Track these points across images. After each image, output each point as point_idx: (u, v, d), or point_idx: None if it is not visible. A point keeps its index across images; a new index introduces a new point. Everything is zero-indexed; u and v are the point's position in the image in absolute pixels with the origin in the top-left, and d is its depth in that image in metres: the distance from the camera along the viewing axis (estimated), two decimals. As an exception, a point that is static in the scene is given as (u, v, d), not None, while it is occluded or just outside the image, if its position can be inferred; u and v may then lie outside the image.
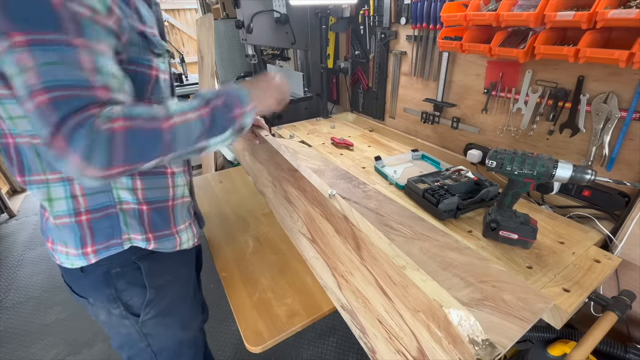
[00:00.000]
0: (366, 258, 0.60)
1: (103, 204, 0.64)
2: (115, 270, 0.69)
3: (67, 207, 0.62)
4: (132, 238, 0.68)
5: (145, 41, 0.61)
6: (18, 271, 2.22)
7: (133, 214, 0.67)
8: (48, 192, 0.61)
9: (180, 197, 0.76)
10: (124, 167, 0.48)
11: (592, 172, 0.74)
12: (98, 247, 0.66)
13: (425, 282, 0.46)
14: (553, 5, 0.87)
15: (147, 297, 0.73)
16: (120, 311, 0.73)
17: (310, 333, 1.67)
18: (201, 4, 3.58)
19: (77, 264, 0.67)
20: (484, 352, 0.39)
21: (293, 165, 0.82)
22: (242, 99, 0.61)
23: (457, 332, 0.41)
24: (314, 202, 0.77)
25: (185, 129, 0.53)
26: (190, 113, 0.54)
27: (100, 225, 0.65)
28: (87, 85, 0.46)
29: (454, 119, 1.39)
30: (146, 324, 0.76)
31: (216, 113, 0.57)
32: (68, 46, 0.45)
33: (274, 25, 1.88)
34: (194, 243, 0.82)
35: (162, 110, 0.52)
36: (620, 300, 0.80)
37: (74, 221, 0.63)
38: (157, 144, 0.50)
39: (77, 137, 0.44)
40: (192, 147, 0.55)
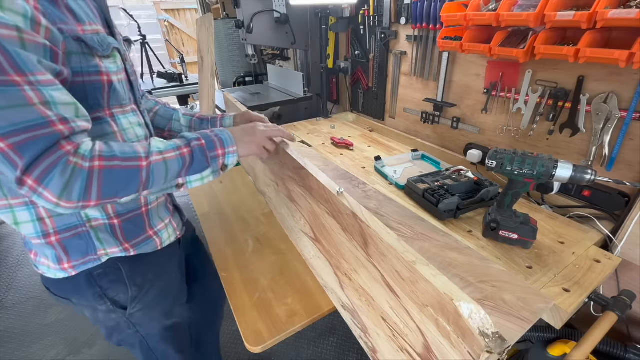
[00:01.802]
0: (373, 255, 0.61)
1: (71, 224, 0.64)
2: (97, 272, 0.70)
3: (35, 230, 0.62)
4: (108, 252, 0.69)
5: (85, 46, 0.55)
6: (18, 271, 2.22)
7: (104, 229, 0.67)
8: (14, 217, 0.60)
9: (154, 201, 0.75)
10: (97, 201, 0.49)
11: (592, 172, 0.74)
12: (74, 263, 0.66)
13: (435, 277, 0.47)
14: (553, 5, 0.87)
15: (130, 295, 0.74)
16: (107, 307, 0.74)
17: (310, 333, 1.67)
18: (201, 4, 3.58)
19: (60, 275, 0.68)
20: (494, 344, 0.39)
21: (300, 164, 0.82)
22: (225, 141, 0.65)
23: (468, 325, 0.41)
24: (321, 200, 0.77)
25: (162, 167, 0.55)
26: (170, 152, 0.57)
27: (73, 243, 0.65)
28: (44, 123, 0.45)
29: (454, 119, 1.39)
30: (133, 316, 0.78)
31: (197, 152, 0.60)
32: (9, 85, 0.42)
33: (274, 25, 1.89)
34: (176, 237, 0.82)
35: (142, 149, 0.54)
36: (620, 300, 0.80)
37: (45, 242, 0.63)
38: (133, 182, 0.52)
39: (51, 177, 0.45)
40: (170, 183, 0.58)
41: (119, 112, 0.65)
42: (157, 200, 0.76)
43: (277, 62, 2.88)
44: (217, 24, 2.83)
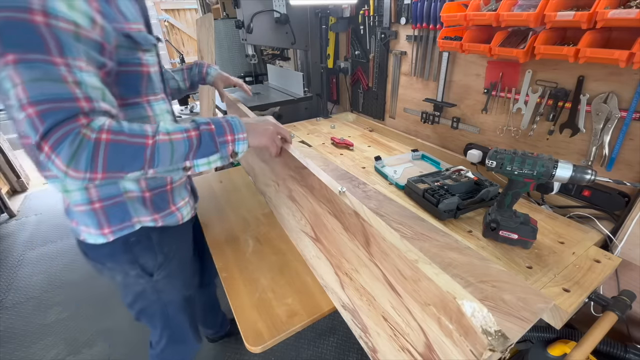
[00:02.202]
0: (375, 254, 0.61)
1: (112, 194, 0.73)
2: (132, 239, 0.79)
3: (82, 197, 0.71)
4: (141, 221, 0.79)
5: (132, 41, 0.64)
6: (18, 271, 2.22)
7: (138, 200, 0.76)
8: (63, 185, 0.70)
9: (177, 180, 0.84)
10: (104, 174, 0.53)
11: (592, 172, 0.74)
12: (113, 229, 0.76)
13: (438, 276, 0.47)
14: (553, 5, 0.87)
15: (159, 260, 0.85)
16: (137, 272, 0.83)
17: (310, 333, 1.67)
18: (201, 4, 3.58)
19: (99, 241, 0.76)
20: (496, 342, 0.40)
21: (302, 163, 0.82)
22: (235, 128, 0.67)
23: (470, 324, 0.41)
24: (322, 200, 0.77)
25: (168, 148, 0.58)
26: (177, 134, 0.59)
27: (112, 211, 0.74)
28: (70, 98, 0.50)
29: (454, 119, 1.39)
30: (158, 282, 0.88)
31: (205, 136, 0.62)
32: (50, 64, 0.49)
33: (274, 25, 1.89)
34: (192, 215, 0.93)
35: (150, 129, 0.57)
36: (620, 300, 0.80)
37: (89, 209, 0.72)
38: (138, 158, 0.55)
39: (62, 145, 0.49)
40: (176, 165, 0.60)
41: (152, 99, 0.74)
42: (180, 180, 0.85)
43: (277, 62, 2.88)
44: (217, 24, 2.83)
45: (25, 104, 0.48)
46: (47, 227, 2.69)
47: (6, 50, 0.48)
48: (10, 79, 0.49)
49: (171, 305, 0.96)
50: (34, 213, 2.90)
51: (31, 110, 0.48)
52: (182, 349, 1.06)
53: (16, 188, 3.26)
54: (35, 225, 2.73)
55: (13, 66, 0.48)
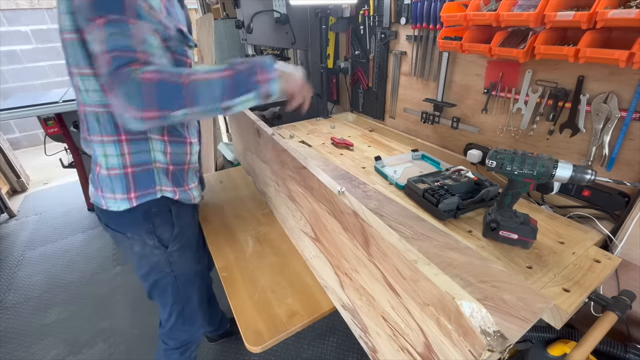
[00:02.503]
0: (374, 254, 0.61)
1: (143, 161, 0.83)
2: (153, 210, 0.88)
3: (118, 162, 0.80)
4: (163, 189, 0.87)
5: (183, 36, 0.79)
6: (18, 271, 2.22)
7: (163, 172, 0.86)
8: (104, 150, 0.79)
9: (193, 163, 0.96)
10: (155, 112, 0.60)
11: (592, 172, 0.74)
12: (138, 194, 0.84)
13: (437, 276, 0.47)
14: (553, 5, 0.87)
15: (175, 232, 0.93)
16: (154, 242, 0.91)
17: (310, 333, 1.67)
18: (201, 4, 3.58)
19: (122, 206, 0.84)
20: (495, 342, 0.39)
21: (301, 163, 0.83)
22: (267, 67, 0.69)
23: (469, 324, 0.41)
24: (322, 200, 0.77)
25: (206, 86, 0.64)
26: (213, 74, 0.65)
27: (141, 176, 0.83)
28: (134, 50, 0.61)
29: (454, 119, 1.39)
30: (172, 254, 0.95)
31: (239, 76, 0.66)
32: (126, 23, 0.61)
33: (274, 25, 1.88)
34: (199, 200, 1.02)
35: (187, 70, 0.64)
36: (620, 300, 0.80)
37: (122, 172, 0.81)
38: (179, 94, 0.61)
39: (119, 84, 0.59)
40: (217, 104, 0.65)
41: None
42: (194, 164, 0.97)
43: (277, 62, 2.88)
44: (217, 24, 2.82)
45: (104, 51, 0.60)
46: (47, 227, 2.70)
47: (98, 14, 0.61)
48: (98, 37, 0.61)
49: (181, 279, 1.01)
50: (34, 213, 2.90)
51: (107, 56, 0.60)
52: (190, 329, 1.10)
53: (16, 188, 3.26)
54: (35, 225, 2.73)
55: (101, 27, 0.60)
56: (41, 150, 2.81)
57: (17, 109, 2.12)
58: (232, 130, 1.73)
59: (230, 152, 2.66)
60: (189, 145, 0.91)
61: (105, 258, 2.29)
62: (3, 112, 2.08)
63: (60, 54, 4.21)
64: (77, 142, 2.45)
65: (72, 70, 0.73)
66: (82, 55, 0.69)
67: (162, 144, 0.84)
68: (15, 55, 4.04)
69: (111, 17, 0.61)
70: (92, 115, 0.77)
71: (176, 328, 1.09)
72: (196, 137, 0.98)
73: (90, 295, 2.00)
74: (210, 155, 2.51)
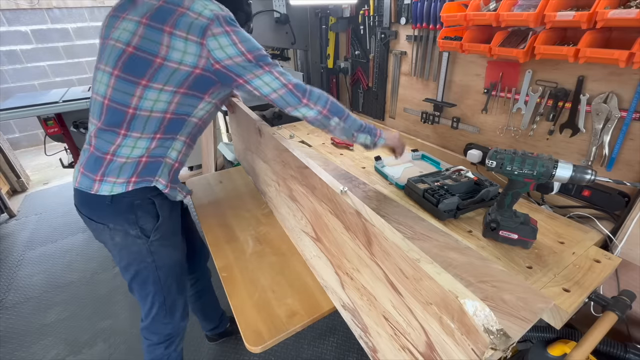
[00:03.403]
0: (377, 253, 0.61)
1: (158, 154, 0.91)
2: (137, 202, 0.93)
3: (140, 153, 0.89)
4: (159, 181, 0.93)
5: None
6: (18, 271, 2.22)
7: (169, 167, 0.94)
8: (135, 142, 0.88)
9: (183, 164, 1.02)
10: (328, 112, 0.91)
11: (592, 172, 0.74)
12: (139, 179, 0.90)
13: (440, 275, 0.47)
14: (553, 5, 0.87)
15: (157, 223, 0.97)
16: (137, 232, 0.95)
17: (310, 333, 1.67)
18: (201, 4, 3.58)
19: (116, 190, 0.89)
20: (498, 340, 0.39)
21: (303, 163, 0.83)
22: (380, 131, 1.03)
23: (472, 322, 0.41)
24: (323, 199, 0.77)
25: (353, 120, 0.97)
26: (357, 120, 0.98)
27: (150, 165, 0.91)
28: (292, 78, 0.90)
29: (454, 119, 1.39)
30: (153, 244, 0.99)
31: (368, 127, 1.00)
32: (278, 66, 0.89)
33: (274, 25, 1.88)
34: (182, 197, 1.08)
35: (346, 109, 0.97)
36: (620, 300, 0.80)
37: (137, 160, 0.89)
38: (342, 111, 0.94)
39: (312, 96, 0.90)
40: (352, 131, 0.97)
41: None
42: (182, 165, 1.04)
43: (277, 62, 2.88)
44: (217, 24, 2.82)
45: (286, 83, 0.87)
46: (47, 227, 2.69)
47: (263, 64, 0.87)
48: (272, 76, 0.87)
49: (162, 269, 1.04)
50: (34, 213, 2.90)
51: (291, 85, 0.88)
52: (172, 320, 1.13)
53: (16, 188, 3.26)
54: (35, 225, 2.73)
55: (271, 69, 0.87)
56: (41, 150, 2.81)
57: (17, 109, 2.12)
58: (232, 130, 1.73)
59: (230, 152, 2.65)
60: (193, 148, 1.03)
61: (105, 258, 2.29)
62: (3, 112, 2.08)
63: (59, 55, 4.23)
64: (77, 142, 2.44)
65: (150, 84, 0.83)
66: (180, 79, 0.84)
67: (182, 144, 0.95)
68: (15, 55, 4.04)
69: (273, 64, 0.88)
70: (143, 118, 0.86)
71: (158, 321, 1.11)
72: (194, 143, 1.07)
73: (90, 295, 1.99)
74: (210, 155, 2.51)
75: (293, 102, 0.90)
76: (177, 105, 0.88)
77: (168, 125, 0.90)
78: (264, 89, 0.89)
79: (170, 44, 0.81)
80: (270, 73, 0.88)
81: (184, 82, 0.85)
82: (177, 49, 0.81)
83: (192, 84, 0.86)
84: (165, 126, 0.89)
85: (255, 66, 0.87)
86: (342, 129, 0.96)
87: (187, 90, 0.87)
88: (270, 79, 0.88)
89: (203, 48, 0.82)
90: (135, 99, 0.85)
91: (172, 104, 0.87)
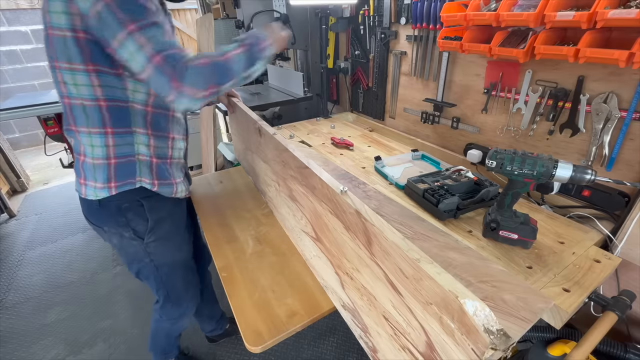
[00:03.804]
0: (377, 253, 0.61)
1: (126, 153, 0.86)
2: (124, 205, 0.91)
3: (102, 153, 0.84)
4: (142, 180, 0.90)
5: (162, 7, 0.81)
6: (18, 271, 2.22)
7: (146, 164, 0.90)
8: (90, 140, 0.83)
9: (177, 158, 0.99)
10: (213, 87, 0.72)
11: (592, 172, 0.74)
12: (118, 183, 0.87)
13: (440, 275, 0.46)
14: (553, 5, 0.87)
15: (149, 226, 0.96)
16: (130, 234, 0.95)
17: (310, 333, 1.67)
18: (201, 4, 3.58)
19: (101, 195, 0.87)
20: (499, 340, 0.39)
21: (303, 163, 0.83)
22: (262, 37, 0.86)
23: (473, 322, 0.41)
24: (323, 199, 0.77)
25: (237, 60, 0.78)
26: (235, 50, 0.79)
27: (122, 167, 0.87)
28: (175, 45, 0.69)
29: (454, 119, 1.39)
30: (149, 245, 0.99)
31: (251, 49, 0.81)
32: (157, 24, 0.68)
33: (274, 25, 1.88)
34: (185, 194, 1.06)
35: (220, 51, 0.77)
36: (620, 300, 0.80)
37: (106, 163, 0.85)
38: (226, 71, 0.75)
39: (187, 76, 0.67)
40: (244, 73, 0.80)
41: None
42: (179, 159, 1.01)
43: (277, 62, 2.88)
44: (217, 24, 2.82)
45: (153, 55, 0.65)
46: (47, 227, 2.70)
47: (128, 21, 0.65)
48: (138, 42, 0.66)
49: (163, 269, 1.06)
50: (34, 213, 2.90)
51: (158, 57, 0.66)
52: (179, 308, 1.17)
53: (16, 188, 3.26)
54: (35, 225, 2.73)
55: (137, 32, 0.65)
56: (41, 150, 2.81)
57: (17, 109, 2.12)
58: (232, 130, 1.73)
59: (230, 152, 2.65)
60: (170, 140, 0.96)
61: (105, 258, 2.29)
62: (3, 112, 2.08)
63: (60, 54, 4.23)
64: (77, 142, 2.44)
65: (60, 65, 0.75)
66: (75, 52, 0.72)
67: (147, 137, 0.89)
68: (15, 55, 4.04)
69: (142, 23, 0.67)
70: (79, 108, 0.80)
71: (166, 308, 1.16)
72: (182, 134, 1.01)
73: (90, 295, 1.99)
74: (210, 155, 2.51)
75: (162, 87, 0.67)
76: (102, 89, 0.77)
77: (112, 116, 0.81)
78: (132, 64, 0.68)
79: (48, 7, 0.69)
80: (132, 38, 0.65)
81: (82, 54, 0.72)
82: (54, 11, 0.68)
83: (92, 56, 0.72)
84: (110, 117, 0.81)
85: (118, 24, 0.65)
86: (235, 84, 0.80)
87: (95, 66, 0.74)
88: (133, 47, 0.65)
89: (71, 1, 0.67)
90: (62, 86, 0.78)
91: (94, 87, 0.76)
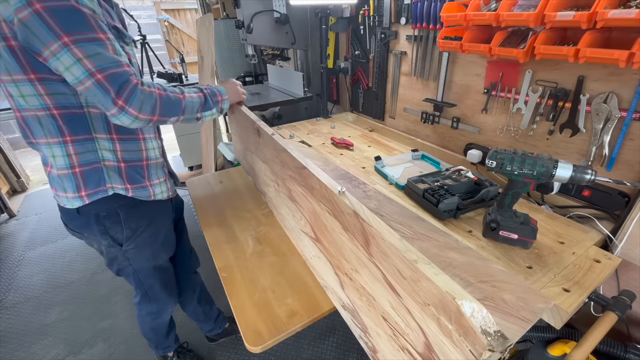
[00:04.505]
0: (375, 254, 0.61)
1: (90, 160, 0.85)
2: (102, 214, 0.91)
3: (65, 162, 0.83)
4: (114, 187, 0.89)
5: (118, 33, 0.81)
6: (18, 271, 2.22)
7: (114, 169, 0.88)
8: (51, 151, 0.81)
9: (154, 158, 0.97)
10: (159, 117, 0.75)
11: (592, 172, 0.74)
12: (89, 192, 0.87)
13: (437, 276, 0.47)
14: (553, 5, 0.87)
15: (125, 234, 0.96)
16: (108, 242, 0.96)
17: (310, 333, 1.67)
18: (201, 4, 3.58)
19: (75, 204, 0.87)
20: (496, 342, 0.39)
21: (301, 163, 0.83)
22: (222, 92, 0.94)
23: (470, 324, 0.41)
24: (322, 200, 0.77)
25: (191, 102, 0.83)
26: (194, 94, 0.85)
27: (90, 175, 0.86)
28: (121, 64, 0.68)
29: (454, 119, 1.39)
30: (127, 252, 1.00)
31: (208, 97, 0.89)
32: (99, 40, 0.66)
33: (274, 25, 1.88)
34: (168, 195, 1.04)
35: (178, 90, 0.82)
36: (620, 300, 0.80)
37: (70, 172, 0.84)
38: (177, 107, 0.79)
39: (133, 98, 0.68)
40: (194, 114, 0.85)
41: None
42: (156, 160, 0.98)
43: (277, 62, 2.88)
44: (217, 24, 2.83)
45: (93, 72, 0.64)
46: (47, 227, 2.69)
47: (62, 33, 0.62)
48: (73, 56, 0.63)
49: (141, 272, 1.08)
50: (34, 213, 2.90)
51: (100, 76, 0.65)
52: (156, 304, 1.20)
53: (16, 188, 3.26)
54: (35, 225, 2.73)
55: (74, 45, 0.63)
56: (41, 150, 2.80)
57: (17, 109, 2.12)
58: (232, 131, 1.73)
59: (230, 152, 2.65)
60: (142, 141, 0.93)
61: (105, 258, 2.29)
62: (3, 112, 2.08)
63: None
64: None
65: (2, 78, 0.71)
66: (12, 62, 0.68)
67: (111, 142, 0.86)
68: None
69: (81, 37, 0.64)
70: (34, 120, 0.77)
71: (143, 303, 1.19)
72: (152, 132, 0.98)
73: (90, 295, 1.99)
74: (210, 155, 2.51)
75: (103, 102, 0.66)
76: (52, 97, 0.73)
77: (68, 124, 0.78)
78: (66, 75, 0.65)
79: None
80: (68, 50, 0.61)
81: (19, 64, 0.67)
82: None
83: (31, 65, 0.68)
84: (66, 126, 0.78)
85: (50, 33, 0.60)
86: (182, 121, 0.83)
87: (38, 74, 0.70)
88: (69, 60, 0.62)
89: None
90: (10, 100, 0.76)
91: (43, 96, 0.73)
